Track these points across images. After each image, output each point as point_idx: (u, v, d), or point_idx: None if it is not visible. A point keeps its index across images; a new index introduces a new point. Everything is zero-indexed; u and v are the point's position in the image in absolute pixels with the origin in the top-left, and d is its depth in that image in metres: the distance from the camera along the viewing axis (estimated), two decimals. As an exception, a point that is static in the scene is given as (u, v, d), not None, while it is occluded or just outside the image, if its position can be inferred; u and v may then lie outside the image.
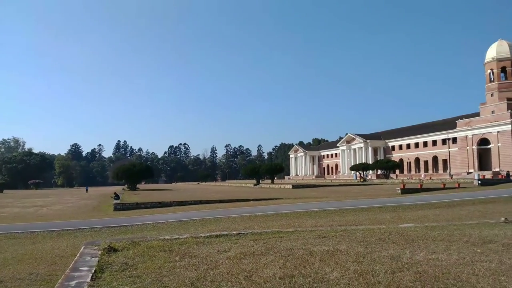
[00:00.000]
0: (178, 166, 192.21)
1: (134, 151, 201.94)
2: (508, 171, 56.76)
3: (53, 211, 31.15)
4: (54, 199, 49.71)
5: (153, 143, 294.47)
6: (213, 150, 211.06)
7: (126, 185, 73.86)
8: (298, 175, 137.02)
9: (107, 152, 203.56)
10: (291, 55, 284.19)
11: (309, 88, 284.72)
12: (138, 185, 73.06)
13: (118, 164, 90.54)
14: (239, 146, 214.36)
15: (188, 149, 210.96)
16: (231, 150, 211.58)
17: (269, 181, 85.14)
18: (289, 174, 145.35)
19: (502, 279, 4.95)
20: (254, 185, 73.49)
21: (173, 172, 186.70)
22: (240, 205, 26.71)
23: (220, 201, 32.46)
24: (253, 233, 10.00)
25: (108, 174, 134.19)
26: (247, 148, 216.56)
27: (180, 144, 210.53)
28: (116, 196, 37.48)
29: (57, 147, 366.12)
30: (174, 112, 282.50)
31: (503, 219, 12.95)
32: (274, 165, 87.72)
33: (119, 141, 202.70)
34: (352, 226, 12.31)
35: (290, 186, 57.36)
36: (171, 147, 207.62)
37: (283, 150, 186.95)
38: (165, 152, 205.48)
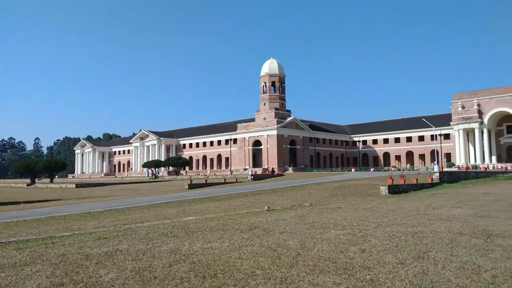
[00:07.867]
0: None
1: None
2: (273, 168, 68.78)
3: None
4: None
5: None
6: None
7: None
8: (84, 172, 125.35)
9: None
10: (88, 46, 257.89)
11: (100, 80, 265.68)
12: None
13: None
14: (9, 139, 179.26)
15: None
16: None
17: (48, 180, 74.69)
18: (74, 172, 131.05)
19: (260, 260, 5.91)
20: (28, 184, 63.92)
21: None
22: (6, 210, 22.31)
23: (-24, 206, 26.16)
24: (17, 241, 8.56)
25: None
26: (20, 141, 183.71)
27: None
28: None
29: None
30: None
31: (266, 207, 15.59)
32: (54, 162, 77.23)
33: None
34: (137, 224, 12.18)
35: (74, 186, 53.85)
36: None
37: (68, 145, 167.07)
38: None
